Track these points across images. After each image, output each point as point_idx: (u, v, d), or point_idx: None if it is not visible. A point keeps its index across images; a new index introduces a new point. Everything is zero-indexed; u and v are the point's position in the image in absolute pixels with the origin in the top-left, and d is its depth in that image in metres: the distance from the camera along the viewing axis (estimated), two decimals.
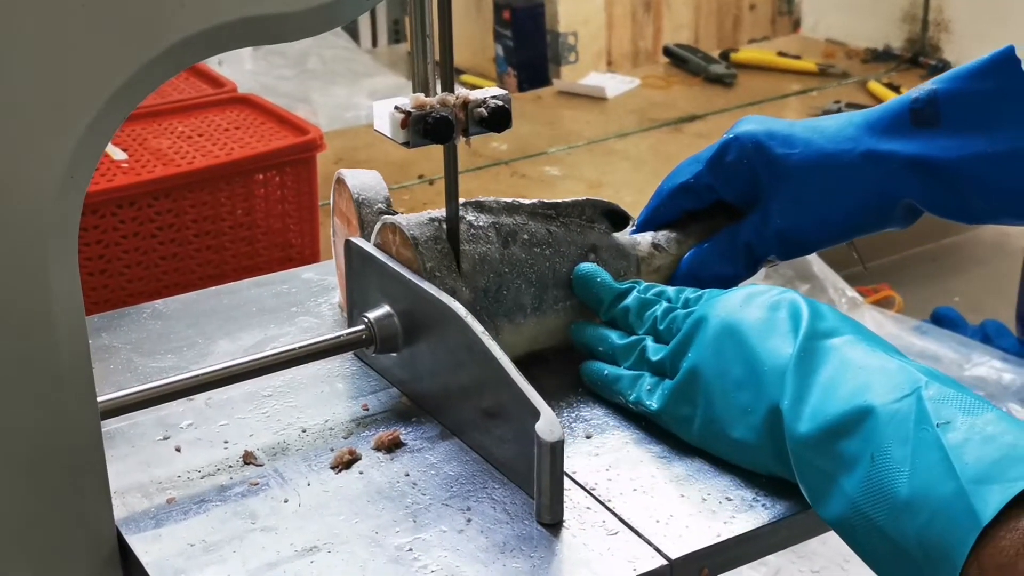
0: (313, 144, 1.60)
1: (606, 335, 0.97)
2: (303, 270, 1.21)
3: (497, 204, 0.99)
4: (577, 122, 2.39)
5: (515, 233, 0.98)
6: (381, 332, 0.96)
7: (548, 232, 0.99)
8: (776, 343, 0.85)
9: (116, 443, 0.92)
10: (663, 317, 0.94)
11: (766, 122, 1.05)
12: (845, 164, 1.01)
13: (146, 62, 0.74)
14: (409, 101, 0.91)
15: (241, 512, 0.85)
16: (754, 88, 2.53)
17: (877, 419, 0.76)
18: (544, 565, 0.79)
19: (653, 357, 0.92)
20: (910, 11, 2.63)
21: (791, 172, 1.02)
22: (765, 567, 1.50)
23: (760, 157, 1.03)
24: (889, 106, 1.02)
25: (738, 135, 1.04)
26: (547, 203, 1.01)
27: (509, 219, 0.98)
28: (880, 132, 1.01)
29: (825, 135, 1.03)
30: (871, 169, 1.00)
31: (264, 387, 0.99)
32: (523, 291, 0.97)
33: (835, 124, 1.04)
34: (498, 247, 0.97)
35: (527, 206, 1.00)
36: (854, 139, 1.02)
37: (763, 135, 1.03)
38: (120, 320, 1.10)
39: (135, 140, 1.62)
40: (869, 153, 1.00)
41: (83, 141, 0.73)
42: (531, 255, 0.98)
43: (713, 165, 1.05)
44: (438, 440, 0.92)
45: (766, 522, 0.83)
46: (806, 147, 1.02)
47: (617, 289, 0.98)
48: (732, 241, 1.04)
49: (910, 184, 0.99)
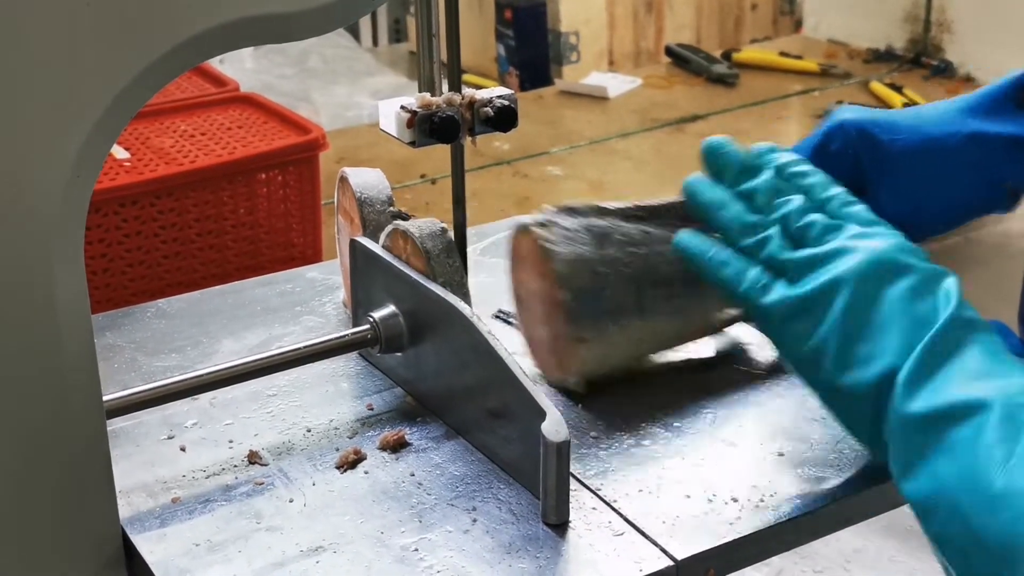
0: (315, 143, 1.60)
1: (727, 202, 0.91)
2: (307, 269, 1.21)
3: (588, 207, 0.95)
4: (579, 122, 2.39)
5: (608, 234, 0.94)
6: (386, 332, 0.96)
7: (643, 232, 0.96)
8: (920, 314, 0.82)
9: (121, 442, 0.92)
10: (798, 215, 0.88)
11: (866, 111, 1.03)
12: (951, 148, 1.00)
13: (151, 62, 0.74)
14: (415, 100, 0.91)
15: (246, 512, 0.85)
16: (756, 88, 2.53)
17: (991, 413, 0.75)
18: (550, 566, 0.79)
19: (778, 255, 0.87)
20: (912, 11, 2.63)
21: (897, 159, 1.00)
22: (768, 567, 1.50)
23: (865, 144, 1.00)
24: (992, 88, 1.02)
25: (841, 123, 1.01)
26: (640, 205, 0.98)
27: (602, 221, 0.95)
28: (984, 114, 1.00)
29: (928, 120, 1.01)
30: (977, 151, 0.99)
31: (269, 386, 0.99)
32: (623, 290, 0.93)
33: (937, 109, 1.03)
34: (593, 248, 0.93)
35: (617, 210, 0.96)
36: (958, 122, 1.00)
37: (867, 122, 1.01)
38: (124, 319, 1.10)
39: (138, 139, 1.62)
40: (974, 135, 0.99)
41: (89, 141, 0.73)
42: (626, 254, 0.94)
43: (817, 154, 1.01)
44: (443, 440, 0.92)
45: (772, 523, 0.83)
46: (911, 133, 1.00)
47: (745, 160, 0.92)
48: None
49: (1016, 165, 0.99)
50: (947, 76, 2.53)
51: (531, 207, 1.99)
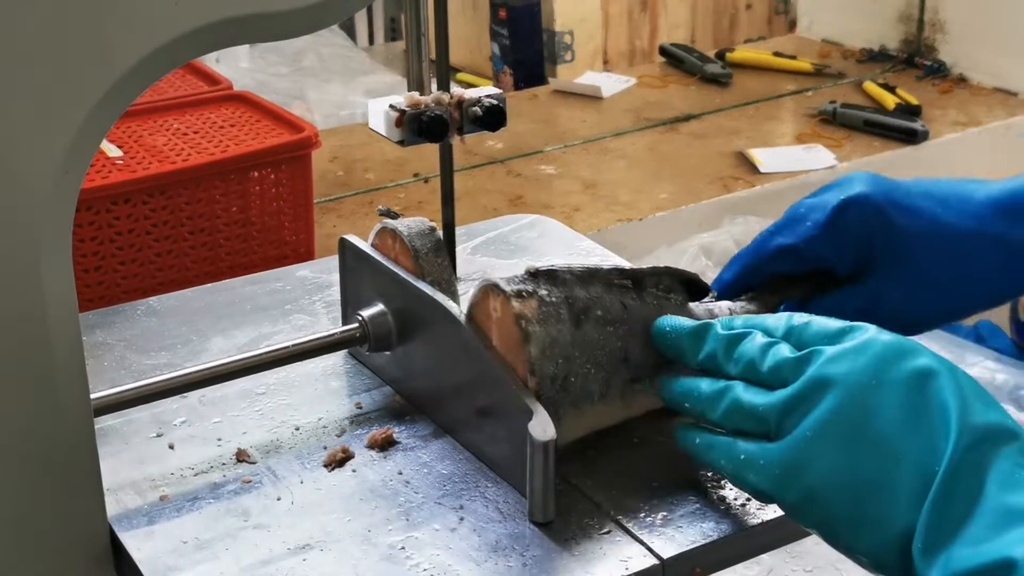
0: (308, 142, 1.60)
1: (691, 387, 0.83)
2: (297, 268, 1.21)
3: (571, 274, 0.89)
4: (573, 121, 2.39)
5: (588, 310, 0.88)
6: (375, 330, 0.96)
7: (623, 306, 0.89)
8: (920, 446, 0.71)
9: (109, 440, 0.92)
10: (763, 355, 0.79)
11: (883, 183, 0.95)
12: (974, 247, 0.94)
13: (141, 59, 0.74)
14: (404, 100, 0.91)
15: (234, 510, 0.85)
16: (750, 88, 2.53)
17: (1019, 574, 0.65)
18: (536, 564, 0.80)
19: (750, 409, 0.78)
20: (906, 12, 2.63)
21: (913, 250, 0.93)
22: (759, 566, 1.50)
23: (881, 229, 0.93)
24: (1017, 185, 0.96)
25: (855, 199, 0.94)
26: (624, 271, 0.91)
27: (583, 292, 0.88)
28: (1012, 214, 0.94)
29: (950, 207, 0.95)
30: (1002, 256, 0.94)
31: (258, 385, 0.99)
32: (591, 376, 0.88)
33: (959, 194, 0.96)
34: (570, 327, 0.87)
35: (603, 275, 0.90)
36: (983, 219, 0.94)
37: (884, 202, 0.94)
38: (114, 317, 1.10)
39: (130, 137, 1.62)
40: (1001, 239, 0.94)
41: (78, 137, 0.73)
42: (603, 334, 0.88)
43: (828, 231, 0.94)
44: (431, 439, 0.93)
45: (758, 522, 0.83)
46: (931, 222, 0.94)
47: (692, 329, 0.85)
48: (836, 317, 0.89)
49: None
50: (940, 76, 2.53)
51: (524, 206, 1.99)
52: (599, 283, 0.89)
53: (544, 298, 0.87)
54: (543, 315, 0.86)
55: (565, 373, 0.86)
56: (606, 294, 0.89)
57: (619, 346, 0.88)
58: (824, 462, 0.74)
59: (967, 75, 2.52)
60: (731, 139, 2.27)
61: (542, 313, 0.86)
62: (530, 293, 0.87)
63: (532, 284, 0.87)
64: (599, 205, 1.99)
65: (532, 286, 0.87)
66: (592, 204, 2.00)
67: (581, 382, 0.87)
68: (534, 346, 0.85)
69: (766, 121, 2.37)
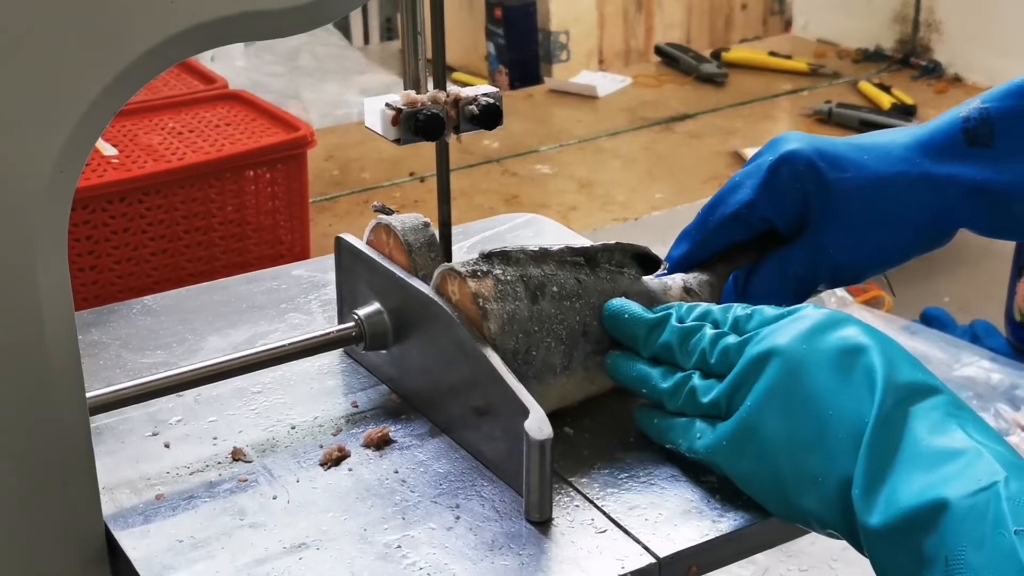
0: (304, 141, 1.60)
1: (647, 376, 0.89)
2: (293, 267, 1.21)
3: (524, 254, 0.92)
4: (568, 120, 2.39)
5: (543, 286, 0.91)
6: (371, 329, 0.96)
7: (577, 282, 0.92)
8: (851, 404, 0.77)
9: (105, 439, 0.92)
10: (712, 347, 0.85)
11: (811, 140, 0.98)
12: (900, 189, 0.96)
13: (136, 57, 0.74)
14: (400, 98, 0.91)
15: (230, 509, 0.85)
16: (745, 88, 2.53)
17: (952, 515, 0.69)
18: (532, 563, 0.80)
19: (704, 399, 0.84)
20: (901, 12, 2.64)
21: (844, 198, 0.96)
22: (754, 565, 1.50)
23: (813, 181, 0.96)
24: (940, 125, 0.98)
25: (787, 157, 0.97)
26: (576, 249, 0.94)
27: (537, 270, 0.91)
28: (933, 153, 0.97)
29: (875, 155, 0.97)
30: (927, 194, 0.96)
31: (253, 384, 0.99)
32: (553, 350, 0.90)
33: (883, 143, 0.99)
34: (527, 303, 0.90)
35: (555, 253, 0.93)
36: (907, 160, 0.97)
37: (814, 155, 0.97)
38: (109, 316, 1.10)
39: (126, 136, 1.62)
40: (925, 177, 0.96)
41: (72, 136, 0.73)
42: (560, 309, 0.91)
43: (765, 191, 0.97)
44: (427, 437, 0.92)
45: (754, 521, 0.83)
46: (859, 170, 0.97)
47: (650, 320, 0.89)
48: (782, 273, 0.98)
49: (969, 210, 0.96)
50: (935, 76, 2.53)
51: (520, 205, 2.00)
52: (552, 261, 0.93)
53: (499, 277, 0.90)
54: (499, 293, 0.89)
55: (526, 347, 0.89)
56: (560, 271, 0.92)
57: (577, 320, 0.91)
58: (768, 428, 0.80)
59: (962, 75, 2.53)
60: (727, 139, 2.28)
61: (498, 291, 0.89)
62: (485, 273, 0.90)
63: (487, 265, 0.90)
64: (595, 204, 2.00)
65: (487, 267, 0.90)
66: (588, 203, 2.00)
67: (543, 355, 0.90)
68: (493, 322, 0.88)
69: (761, 121, 2.38)
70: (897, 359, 0.78)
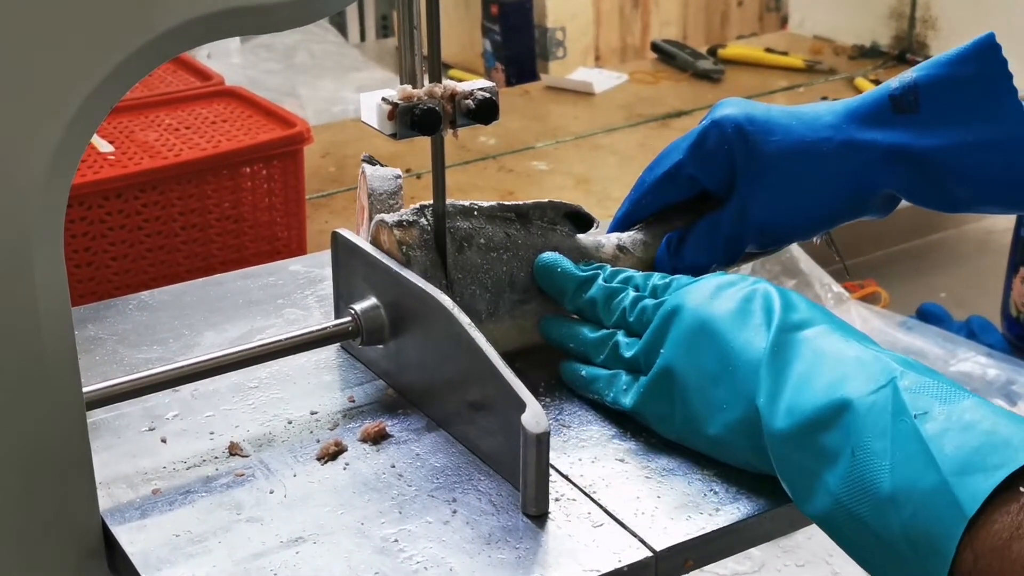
0: (300, 137, 1.60)
1: (576, 331, 0.95)
2: (290, 262, 1.21)
3: (453, 207, 0.96)
4: (564, 117, 2.39)
5: (471, 237, 0.95)
6: (367, 324, 0.96)
7: (506, 235, 0.96)
8: (749, 336, 0.83)
9: (101, 434, 0.92)
10: (632, 307, 0.92)
11: (745, 106, 1.02)
12: (824, 153, 0.99)
13: (130, 52, 0.74)
14: (396, 93, 0.91)
15: (227, 503, 0.85)
16: (741, 84, 2.53)
17: (855, 412, 0.75)
18: (529, 556, 0.80)
19: (626, 353, 0.91)
20: (897, 8, 2.64)
21: (770, 161, 1.00)
22: (750, 560, 1.50)
23: (740, 144, 1.00)
24: (870, 94, 1.01)
25: (718, 120, 1.01)
26: (506, 205, 0.98)
27: (465, 223, 0.96)
28: (860, 120, 1.00)
29: (804, 122, 1.01)
30: (851, 158, 0.99)
31: (250, 378, 0.99)
32: (477, 296, 0.95)
33: (814, 111, 1.02)
34: (452, 252, 0.94)
35: (485, 209, 0.97)
36: (833, 127, 1.00)
37: (743, 120, 1.01)
38: (106, 311, 1.10)
39: (122, 132, 1.61)
40: (848, 142, 0.99)
41: (68, 131, 0.73)
42: (487, 260, 0.95)
43: (694, 153, 1.02)
44: (424, 432, 0.93)
45: (750, 514, 0.84)
46: (785, 135, 1.00)
47: (579, 277, 0.95)
48: (712, 234, 1.02)
49: (890, 173, 0.99)
50: None
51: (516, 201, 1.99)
52: (482, 216, 0.97)
53: (425, 227, 0.94)
54: (423, 242, 0.94)
55: (448, 294, 0.91)
56: (488, 225, 0.96)
57: (504, 271, 0.96)
58: (680, 371, 0.86)
59: None
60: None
61: (423, 240, 0.94)
62: (411, 223, 0.95)
63: (415, 215, 0.95)
64: (591, 201, 1.99)
65: (415, 217, 0.95)
66: (584, 200, 1.99)
67: (468, 301, 0.94)
68: (416, 268, 0.93)
69: None
70: (796, 301, 0.85)
